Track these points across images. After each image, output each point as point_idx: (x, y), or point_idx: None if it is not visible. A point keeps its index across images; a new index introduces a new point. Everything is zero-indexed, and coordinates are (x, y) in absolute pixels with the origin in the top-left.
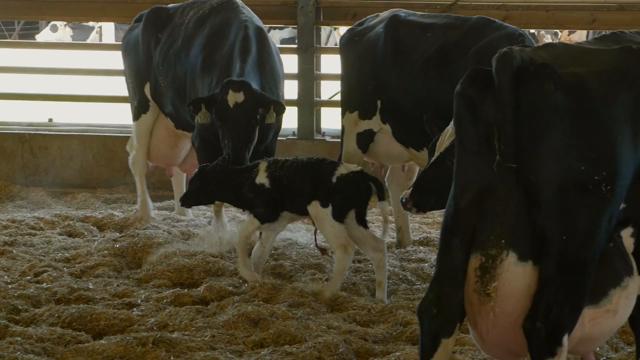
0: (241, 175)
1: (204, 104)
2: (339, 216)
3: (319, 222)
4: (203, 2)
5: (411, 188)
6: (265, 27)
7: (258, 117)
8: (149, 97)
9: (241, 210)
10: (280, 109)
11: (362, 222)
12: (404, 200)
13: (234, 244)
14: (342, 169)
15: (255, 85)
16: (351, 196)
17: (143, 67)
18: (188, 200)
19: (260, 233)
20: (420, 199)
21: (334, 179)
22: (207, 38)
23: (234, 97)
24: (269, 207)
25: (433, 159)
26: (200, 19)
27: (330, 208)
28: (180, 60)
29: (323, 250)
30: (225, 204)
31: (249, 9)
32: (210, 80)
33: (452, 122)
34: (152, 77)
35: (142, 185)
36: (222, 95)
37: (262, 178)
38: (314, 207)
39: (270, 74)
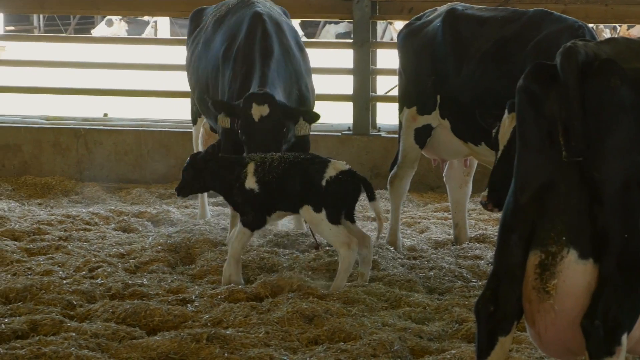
0: (230, 171)
1: (224, 110)
2: (334, 218)
3: (314, 226)
4: (222, 5)
5: (487, 189)
6: (288, 20)
7: (285, 130)
8: None
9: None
10: (312, 117)
11: (350, 218)
12: (483, 202)
13: (229, 256)
14: (331, 170)
15: (280, 94)
16: (342, 196)
17: None
18: (184, 190)
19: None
20: (498, 198)
21: (324, 182)
22: (224, 36)
23: (259, 110)
24: (258, 213)
25: (499, 153)
26: (217, 21)
27: (324, 212)
28: (201, 63)
29: (317, 245)
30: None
31: (266, 3)
32: (229, 74)
33: (506, 110)
34: None
35: (202, 196)
36: (246, 109)
37: (250, 182)
38: (307, 212)
39: (294, 73)
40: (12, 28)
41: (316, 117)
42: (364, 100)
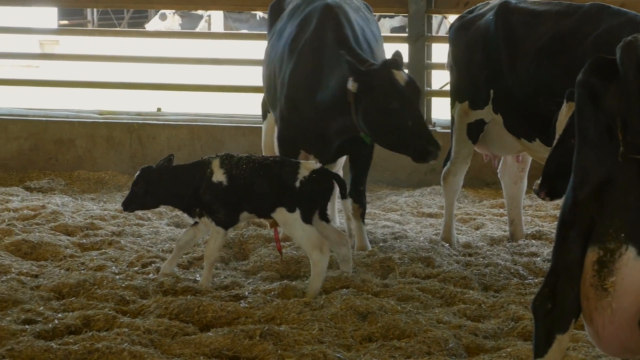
0: (191, 174)
1: (355, 74)
2: (307, 219)
3: (287, 228)
4: None
5: (541, 177)
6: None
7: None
8: None
9: (189, 215)
10: None
11: (324, 217)
12: (536, 191)
13: (205, 259)
14: (304, 171)
15: None
16: (316, 196)
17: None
18: (132, 205)
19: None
20: (552, 187)
21: (298, 184)
22: (294, 26)
23: (401, 76)
24: (228, 209)
25: (555, 142)
26: (292, 11)
27: (298, 212)
28: (272, 54)
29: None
30: None
31: None
32: (291, 66)
33: (565, 99)
34: None
35: None
36: (387, 74)
37: (218, 176)
38: (281, 214)
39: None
40: (66, 22)
41: None
42: None
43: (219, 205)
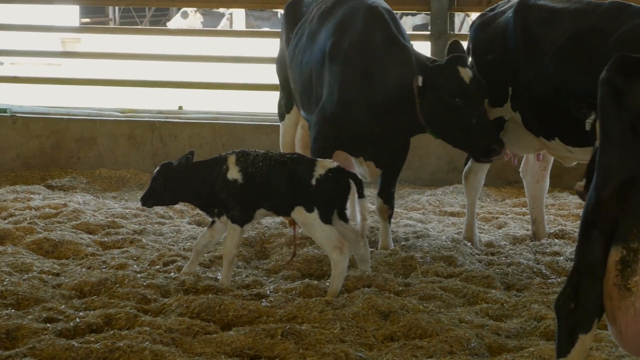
0: (208, 171)
1: (422, 70)
2: (326, 218)
3: (307, 228)
4: None
5: (584, 179)
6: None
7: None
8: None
9: (206, 213)
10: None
11: (343, 217)
12: (580, 192)
13: (223, 257)
14: (320, 169)
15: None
16: (334, 195)
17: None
18: (150, 200)
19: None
20: None
21: (314, 181)
22: (332, 29)
23: (466, 73)
24: (244, 206)
25: (598, 143)
26: (324, 13)
27: (316, 212)
28: (305, 56)
29: (292, 257)
30: None
31: None
32: (340, 69)
33: None
34: None
35: None
36: (453, 70)
37: (234, 173)
38: (299, 213)
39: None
40: (87, 20)
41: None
42: None
43: (234, 202)
